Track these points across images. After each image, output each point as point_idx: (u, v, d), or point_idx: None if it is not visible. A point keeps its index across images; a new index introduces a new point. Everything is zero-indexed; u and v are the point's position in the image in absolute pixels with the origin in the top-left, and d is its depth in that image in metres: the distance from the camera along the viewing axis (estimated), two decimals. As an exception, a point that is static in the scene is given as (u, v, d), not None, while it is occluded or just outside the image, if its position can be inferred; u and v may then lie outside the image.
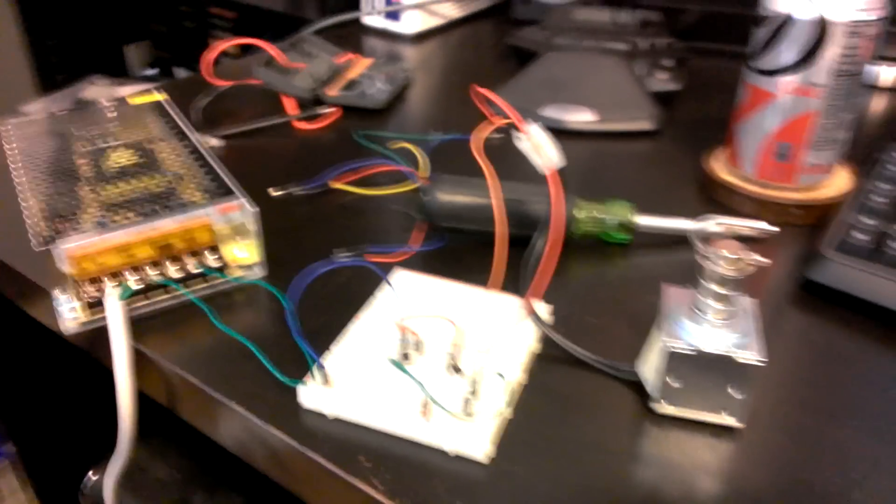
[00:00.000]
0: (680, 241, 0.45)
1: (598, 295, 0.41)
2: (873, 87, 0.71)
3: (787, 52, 0.44)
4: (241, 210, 0.39)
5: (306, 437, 0.32)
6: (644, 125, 0.59)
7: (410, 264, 0.43)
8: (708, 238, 0.38)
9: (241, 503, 0.58)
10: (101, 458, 0.65)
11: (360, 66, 0.69)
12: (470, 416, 0.31)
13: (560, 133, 0.59)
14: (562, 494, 0.29)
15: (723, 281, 0.30)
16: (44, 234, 0.36)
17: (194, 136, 0.46)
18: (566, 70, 0.62)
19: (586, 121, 0.59)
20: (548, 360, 0.36)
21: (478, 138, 0.35)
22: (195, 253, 0.39)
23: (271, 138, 0.58)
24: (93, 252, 0.36)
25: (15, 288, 0.44)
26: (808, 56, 0.43)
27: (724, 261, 0.29)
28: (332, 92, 0.63)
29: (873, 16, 0.42)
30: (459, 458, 0.31)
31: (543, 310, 0.38)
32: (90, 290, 0.37)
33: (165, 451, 0.64)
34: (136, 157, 0.44)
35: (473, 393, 0.32)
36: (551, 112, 0.60)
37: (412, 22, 0.82)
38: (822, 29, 0.42)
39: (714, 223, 0.43)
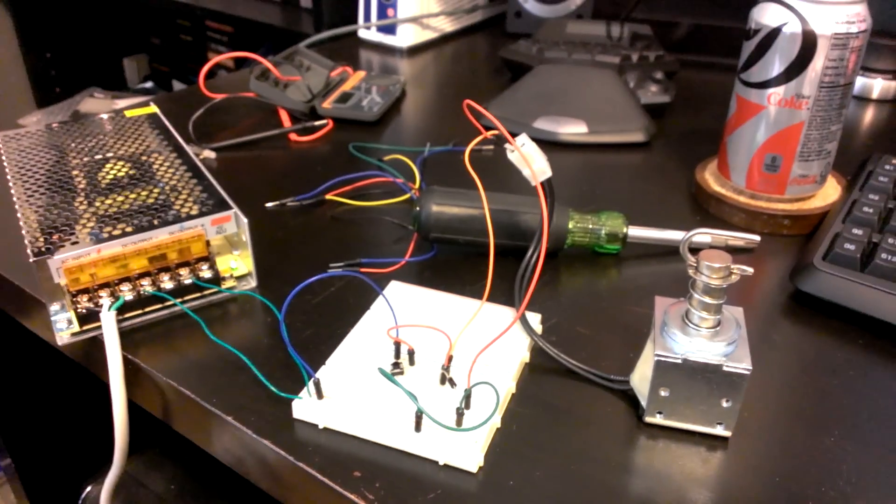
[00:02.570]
0: (671, 252, 0.46)
1: (590, 306, 0.41)
2: (866, 100, 0.72)
3: (774, 64, 0.44)
4: (234, 220, 0.40)
5: (299, 449, 0.32)
6: (635, 137, 0.60)
7: (404, 275, 0.43)
8: (696, 249, 0.38)
9: (236, 515, 0.58)
10: (97, 471, 0.65)
11: (354, 78, 0.70)
12: (461, 428, 0.31)
13: (553, 145, 0.60)
14: (552, 504, 0.29)
15: (710, 290, 0.30)
16: (39, 246, 0.36)
17: (188, 149, 0.46)
18: (558, 83, 0.63)
19: (578, 133, 0.60)
20: (539, 370, 0.37)
21: (469, 150, 0.36)
22: (189, 264, 0.40)
23: (265, 150, 0.59)
24: (87, 264, 0.37)
25: (11, 300, 0.44)
26: (795, 68, 0.44)
27: (710, 270, 0.30)
28: (327, 104, 0.63)
29: (857, 28, 0.43)
30: (451, 469, 0.31)
31: (535, 320, 0.39)
32: (84, 301, 0.37)
33: (162, 464, 0.64)
34: (131, 169, 0.44)
35: (465, 404, 0.32)
36: (544, 124, 0.60)
37: (407, 35, 0.82)
38: (808, 41, 0.43)
39: (699, 235, 0.44)
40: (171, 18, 1.52)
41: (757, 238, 0.45)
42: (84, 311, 0.37)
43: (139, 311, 0.39)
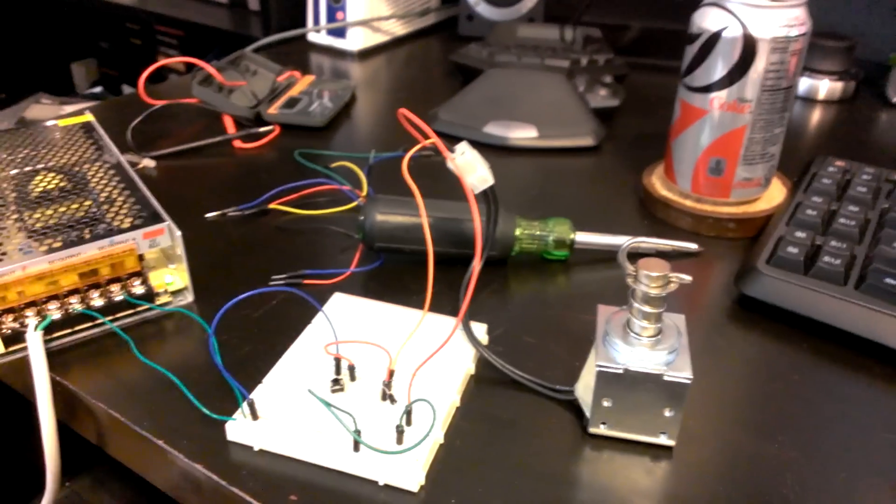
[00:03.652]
0: (619, 256, 0.46)
1: (537, 314, 0.41)
2: (812, 101, 0.73)
3: (716, 68, 0.44)
4: (167, 233, 0.38)
5: (233, 473, 0.30)
6: (585, 141, 0.60)
7: (349, 286, 0.42)
8: (642, 254, 0.38)
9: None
10: (35, 496, 0.62)
11: (302, 83, 0.68)
12: (401, 447, 0.31)
13: (503, 150, 0.59)
14: (494, 522, 0.29)
15: (649, 299, 0.30)
16: (-42, 266, 0.35)
17: (124, 158, 0.45)
18: (508, 87, 0.62)
19: (528, 137, 0.59)
20: (484, 381, 0.36)
21: (407, 158, 0.35)
22: (121, 280, 0.38)
23: (208, 158, 0.57)
24: (13, 282, 0.35)
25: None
26: (737, 72, 0.44)
27: (649, 279, 0.29)
28: (273, 110, 0.62)
29: (798, 31, 0.43)
30: (391, 489, 0.30)
31: (481, 331, 0.38)
32: (10, 322, 0.36)
33: (110, 483, 0.61)
34: (63, 181, 0.42)
35: (406, 421, 0.32)
36: (494, 129, 0.60)
37: (357, 39, 0.81)
38: (748, 46, 0.43)
39: (635, 242, 0.44)
40: (120, 22, 1.48)
41: (694, 247, 0.45)
42: (9, 331, 0.36)
43: (69, 331, 0.37)
